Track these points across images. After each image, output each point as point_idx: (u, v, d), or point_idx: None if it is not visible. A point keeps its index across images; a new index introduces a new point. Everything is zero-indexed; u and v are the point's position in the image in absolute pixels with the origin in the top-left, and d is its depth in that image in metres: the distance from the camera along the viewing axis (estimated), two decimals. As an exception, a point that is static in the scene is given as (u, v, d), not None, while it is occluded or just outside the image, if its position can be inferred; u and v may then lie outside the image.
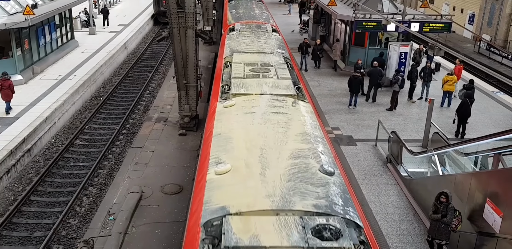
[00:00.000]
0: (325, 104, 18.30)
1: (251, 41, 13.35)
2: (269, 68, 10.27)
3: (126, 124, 19.21)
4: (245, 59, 11.00)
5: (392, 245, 10.03)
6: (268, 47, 12.83)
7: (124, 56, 29.00)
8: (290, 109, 8.02)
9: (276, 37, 14.74)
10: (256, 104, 8.09)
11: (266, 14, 21.02)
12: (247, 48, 12.39)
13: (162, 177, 13.73)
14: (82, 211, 13.25)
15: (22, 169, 15.19)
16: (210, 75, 22.99)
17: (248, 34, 14.59)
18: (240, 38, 13.97)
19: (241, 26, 15.70)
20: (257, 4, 24.14)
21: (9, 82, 17.31)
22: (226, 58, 11.75)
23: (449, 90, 17.97)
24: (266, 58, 11.32)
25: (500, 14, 33.58)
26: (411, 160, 12.86)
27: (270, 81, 9.32)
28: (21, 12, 20.67)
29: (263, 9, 22.63)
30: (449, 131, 15.56)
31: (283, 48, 13.53)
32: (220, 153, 6.46)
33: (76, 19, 32.14)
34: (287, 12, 38.89)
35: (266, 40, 13.82)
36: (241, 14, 19.84)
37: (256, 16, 19.55)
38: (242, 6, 22.62)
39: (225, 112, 7.94)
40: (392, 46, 19.99)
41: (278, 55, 11.82)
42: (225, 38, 14.61)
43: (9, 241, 11.82)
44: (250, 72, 9.97)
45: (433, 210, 9.19)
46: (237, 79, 9.36)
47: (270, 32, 15.15)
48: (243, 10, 20.94)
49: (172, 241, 10.79)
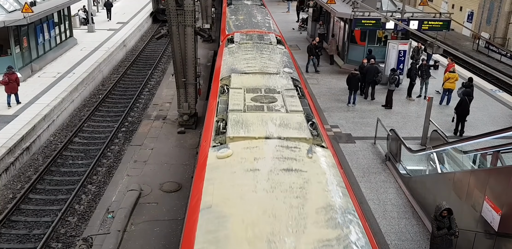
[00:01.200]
0: (324, 102, 18.31)
1: (252, 57, 11.53)
2: (275, 97, 8.47)
3: (125, 122, 19.19)
4: (245, 83, 9.27)
5: (390, 243, 10.05)
6: (273, 65, 11.01)
7: (123, 54, 28.96)
8: (305, 163, 6.09)
9: (282, 51, 12.82)
10: (260, 156, 6.23)
11: (269, 20, 18.80)
12: (248, 67, 10.65)
13: (161, 174, 13.73)
14: (81, 209, 13.25)
15: (21, 167, 15.18)
16: (209, 73, 22.98)
17: (249, 47, 12.66)
18: (240, 52, 12.16)
19: (241, 36, 13.79)
20: (259, 9, 21.61)
21: (15, 76, 17.82)
22: (223, 80, 10.05)
23: (449, 88, 17.96)
24: (271, 81, 9.52)
25: (499, 12, 33.57)
26: (410, 157, 12.87)
27: (277, 116, 7.53)
28: (19, 9, 20.64)
29: (266, 15, 20.11)
30: (448, 128, 15.57)
31: (291, 65, 11.74)
32: (209, 246, 4.60)
33: (74, 16, 32.09)
34: (286, 10, 38.84)
35: (271, 55, 11.97)
36: (241, 21, 17.59)
37: (259, 24, 17.29)
38: (242, 11, 20.25)
39: (219, 167, 6.08)
40: (391, 44, 19.99)
41: (285, 77, 10.02)
42: (223, 53, 12.81)
43: (8, 239, 11.82)
44: (251, 102, 8.13)
45: (436, 227, 8.75)
46: (235, 114, 7.54)
47: (274, 45, 13.28)
48: (243, 16, 18.58)
49: (171, 239, 10.80)
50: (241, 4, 22.45)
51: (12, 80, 17.60)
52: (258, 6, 22.50)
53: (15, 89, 17.85)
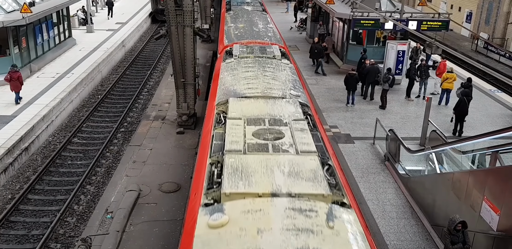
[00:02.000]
0: (323, 103, 18.31)
1: (254, 76, 9.93)
2: (281, 131, 6.96)
3: (124, 122, 19.18)
4: (245, 111, 7.74)
5: (390, 243, 10.05)
6: (277, 86, 9.40)
7: (122, 54, 28.95)
8: (325, 238, 4.65)
9: (287, 67, 11.20)
10: (265, 226, 4.75)
11: (272, 29, 16.87)
12: (249, 89, 9.09)
13: (160, 175, 13.72)
14: (80, 209, 13.23)
15: (20, 167, 15.16)
16: (208, 73, 22.98)
17: (250, 62, 11.06)
18: (240, 69, 10.56)
19: (241, 49, 12.28)
20: (260, 15, 19.60)
21: (18, 74, 18.12)
22: (219, 105, 8.58)
23: (448, 88, 17.98)
24: (277, 108, 7.96)
25: (497, 13, 33.60)
26: (409, 158, 12.88)
27: (285, 160, 6.00)
28: (18, 10, 20.62)
29: (268, 22, 18.10)
30: (446, 129, 15.58)
31: (298, 85, 10.17)
32: None
33: (73, 17, 32.07)
34: (285, 10, 38.88)
35: (275, 73, 10.34)
36: (241, 30, 15.81)
37: (260, 33, 15.51)
38: (242, 18, 18.37)
39: (210, 242, 4.63)
40: (390, 44, 20.01)
41: (292, 102, 8.40)
42: (220, 69, 11.21)
43: (6, 240, 11.81)
44: (253, 139, 6.63)
45: (450, 241, 8.37)
46: (233, 157, 6.03)
47: (278, 59, 11.68)
48: (243, 24, 16.71)
49: (170, 239, 10.79)
50: (241, 10, 20.49)
51: (14, 78, 17.92)
52: (259, 12, 20.51)
53: (18, 88, 18.19)
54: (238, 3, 22.28)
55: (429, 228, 10.56)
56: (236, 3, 22.43)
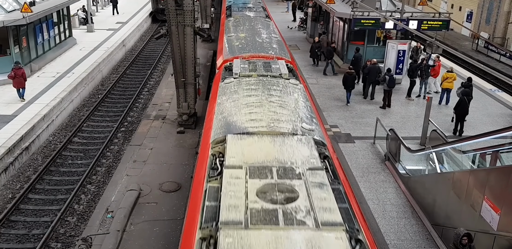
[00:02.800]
0: (323, 102, 18.32)
1: (257, 102, 8.16)
2: (294, 187, 5.37)
3: (124, 122, 19.18)
4: (248, 155, 6.08)
5: (390, 243, 10.06)
6: (286, 117, 7.62)
7: (122, 54, 28.95)
8: None
9: (296, 89, 9.29)
10: None
11: (276, 38, 14.82)
12: (252, 121, 7.32)
13: (160, 174, 13.73)
14: (80, 209, 13.24)
15: (20, 166, 15.17)
16: (208, 73, 22.99)
17: (253, 84, 9.29)
18: (240, 92, 8.85)
19: (243, 65, 10.51)
20: (264, 22, 17.40)
21: (21, 70, 18.41)
22: (215, 143, 6.89)
23: (448, 88, 17.98)
24: (286, 150, 6.28)
25: (498, 12, 33.59)
26: (409, 157, 12.88)
27: (301, 240, 4.47)
28: (19, 9, 20.61)
29: (272, 31, 16.02)
30: (447, 128, 15.58)
31: (311, 114, 8.32)
32: None
33: (74, 16, 32.07)
34: (285, 10, 38.89)
35: (282, 98, 8.53)
36: (243, 40, 13.89)
37: (264, 45, 13.51)
38: (244, 26, 16.24)
39: None
40: (390, 44, 20.01)
41: (306, 140, 6.63)
42: (218, 91, 9.46)
43: (7, 239, 11.81)
44: (257, 201, 5.06)
45: None
46: (231, 234, 4.51)
47: (286, 78, 9.85)
48: (245, 34, 14.73)
49: (170, 239, 10.80)
50: (242, 16, 18.28)
51: (18, 75, 18.17)
52: (262, 18, 18.29)
53: (22, 84, 18.42)
54: (239, 9, 20.32)
55: (429, 228, 10.57)
56: (237, 8, 20.53)
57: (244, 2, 22.41)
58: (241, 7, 20.76)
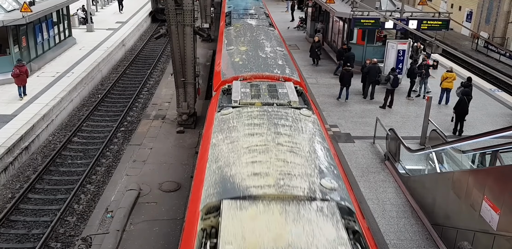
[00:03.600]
0: (323, 102, 18.33)
1: (262, 145, 6.43)
2: None
3: (124, 121, 19.18)
4: (249, 241, 4.52)
5: (389, 242, 10.06)
6: (300, 169, 5.90)
7: (122, 53, 28.94)
8: None
9: (309, 124, 7.50)
10: None
11: (282, 53, 12.94)
12: (255, 178, 5.66)
13: (160, 174, 13.72)
14: (80, 208, 13.24)
15: (20, 166, 15.16)
16: (208, 73, 22.98)
17: (256, 116, 7.49)
18: (240, 129, 7.05)
19: (244, 89, 8.91)
20: (267, 32, 15.29)
21: (24, 68, 18.77)
22: (205, 213, 5.29)
23: (447, 88, 17.99)
24: (304, 231, 4.70)
25: (498, 12, 33.59)
26: (409, 157, 12.88)
27: None
28: (18, 9, 20.61)
29: (278, 43, 14.12)
30: (446, 128, 15.58)
31: (330, 163, 6.42)
32: None
33: (73, 16, 32.06)
34: (285, 10, 38.90)
35: (293, 137, 6.72)
36: (244, 56, 12.10)
37: (268, 61, 11.66)
38: (245, 37, 14.35)
39: None
40: (390, 44, 20.01)
41: (329, 210, 5.08)
42: (212, 124, 7.73)
43: (7, 239, 11.81)
44: None
45: None
46: None
47: (296, 108, 8.11)
48: (246, 47, 13.05)
49: (170, 239, 10.79)
50: (243, 25, 16.17)
51: (22, 72, 18.46)
52: (265, 27, 16.18)
53: (24, 81, 18.71)
54: (240, 16, 18.22)
55: (429, 227, 10.57)
56: (237, 15, 18.41)
57: (245, 8, 20.50)
58: (242, 14, 18.57)
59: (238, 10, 19.58)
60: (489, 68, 18.03)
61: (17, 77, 18.45)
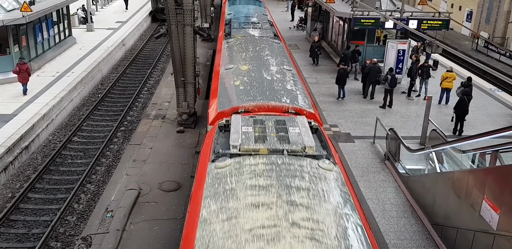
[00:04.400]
0: (323, 102, 18.33)
1: (270, 227, 4.80)
2: None
3: (124, 121, 19.18)
4: None
5: (389, 242, 10.06)
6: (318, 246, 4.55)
7: (122, 53, 28.94)
8: None
9: (333, 184, 5.85)
10: None
11: (291, 73, 11.05)
12: None
13: (160, 174, 13.72)
14: (80, 208, 13.24)
15: (20, 166, 15.17)
16: (208, 72, 22.98)
17: (261, 174, 5.83)
18: (241, 195, 5.42)
19: (245, 128, 7.21)
20: (273, 46, 13.34)
21: (26, 66, 19.14)
22: None
23: (447, 87, 17.99)
24: None
25: (498, 12, 33.58)
26: (409, 157, 12.88)
27: None
28: (18, 8, 20.60)
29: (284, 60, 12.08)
30: (447, 128, 15.58)
31: (360, 239, 4.96)
32: None
33: (73, 15, 32.05)
34: (285, 10, 38.90)
35: (312, 210, 5.12)
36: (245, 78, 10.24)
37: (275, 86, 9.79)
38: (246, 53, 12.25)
39: None
40: (390, 43, 20.00)
41: None
42: (204, 184, 5.96)
43: (7, 238, 11.81)
44: None
45: None
46: None
47: (312, 157, 6.47)
48: (248, 66, 11.06)
49: (170, 238, 10.80)
50: (244, 37, 14.13)
51: (23, 70, 18.72)
52: (270, 39, 14.13)
53: (26, 79, 19.00)
54: (241, 25, 16.08)
55: (429, 227, 10.57)
56: (238, 24, 16.30)
57: (246, 15, 18.41)
58: (243, 23, 16.53)
59: (239, 18, 17.58)
60: (489, 68, 18.05)
61: (18, 74, 18.77)
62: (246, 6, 21.21)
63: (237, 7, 20.77)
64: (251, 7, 21.12)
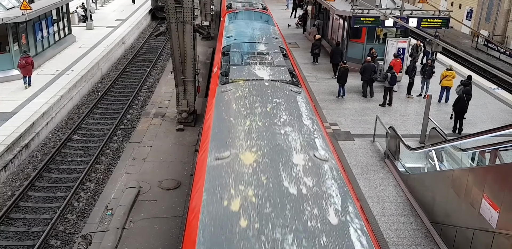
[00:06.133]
0: (322, 100, 18.33)
1: None
2: None
3: (124, 119, 19.18)
4: None
5: (389, 240, 10.07)
6: None
7: (122, 51, 28.92)
8: None
9: None
10: None
11: (327, 165, 6.20)
12: None
13: (160, 172, 13.73)
14: (80, 206, 13.25)
15: (20, 164, 15.17)
16: (207, 71, 22.97)
17: None
18: None
19: None
20: (290, 100, 8.63)
21: (30, 59, 19.83)
22: None
23: (447, 86, 17.98)
24: None
25: (498, 10, 33.56)
26: (408, 155, 12.89)
27: None
28: (18, 6, 20.58)
29: (313, 131, 7.38)
30: (446, 126, 15.59)
31: None
32: None
33: (73, 14, 32.02)
34: (285, 8, 38.89)
35: None
36: (253, 185, 5.48)
37: (303, 203, 5.16)
38: (252, 117, 7.62)
39: None
40: (390, 42, 19.99)
41: None
42: None
43: (7, 236, 11.83)
44: None
45: None
46: None
47: None
48: (256, 154, 6.28)
49: (170, 236, 10.81)
50: (249, 84, 9.37)
51: (28, 63, 19.41)
52: (287, 86, 9.44)
53: (30, 72, 19.63)
54: (244, 59, 11.24)
55: (428, 226, 10.58)
56: (239, 56, 11.51)
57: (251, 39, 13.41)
58: (247, 54, 11.52)
59: (241, 45, 12.60)
60: (489, 67, 18.03)
61: (23, 67, 19.26)
62: (251, 24, 16.46)
63: (239, 25, 16.31)
64: (257, 25, 16.31)
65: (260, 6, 21.93)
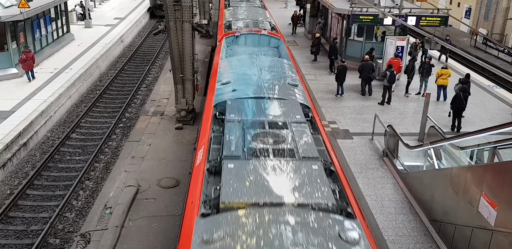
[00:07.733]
0: (321, 98, 18.33)
1: None
2: None
3: (123, 118, 19.16)
4: None
5: (388, 238, 10.09)
6: None
7: (120, 49, 28.88)
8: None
9: None
10: None
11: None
12: None
13: (158, 170, 13.73)
14: (79, 204, 13.25)
15: (18, 162, 15.16)
16: (206, 69, 22.95)
17: None
18: None
19: None
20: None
21: (31, 54, 20.22)
22: None
23: (443, 84, 18.02)
24: None
25: (496, 8, 33.56)
26: (407, 153, 12.90)
27: None
28: (16, 5, 20.54)
29: None
30: (445, 124, 15.61)
31: None
32: None
33: (71, 12, 31.96)
34: (284, 6, 38.86)
35: None
36: None
37: None
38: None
39: None
40: (389, 40, 19.99)
41: None
42: None
43: (5, 235, 11.82)
44: None
45: None
46: None
47: None
48: None
49: (168, 235, 10.81)
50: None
51: (29, 58, 19.80)
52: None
53: (31, 66, 20.08)
54: (247, 137, 7.05)
55: (427, 224, 10.60)
56: (238, 131, 7.34)
57: (257, 91, 9.26)
58: (253, 130, 7.37)
59: (242, 104, 8.51)
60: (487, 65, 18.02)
61: (24, 62, 19.65)
62: (257, 60, 11.72)
63: (239, 62, 11.93)
64: (266, 61, 11.71)
65: (268, 26, 17.40)
